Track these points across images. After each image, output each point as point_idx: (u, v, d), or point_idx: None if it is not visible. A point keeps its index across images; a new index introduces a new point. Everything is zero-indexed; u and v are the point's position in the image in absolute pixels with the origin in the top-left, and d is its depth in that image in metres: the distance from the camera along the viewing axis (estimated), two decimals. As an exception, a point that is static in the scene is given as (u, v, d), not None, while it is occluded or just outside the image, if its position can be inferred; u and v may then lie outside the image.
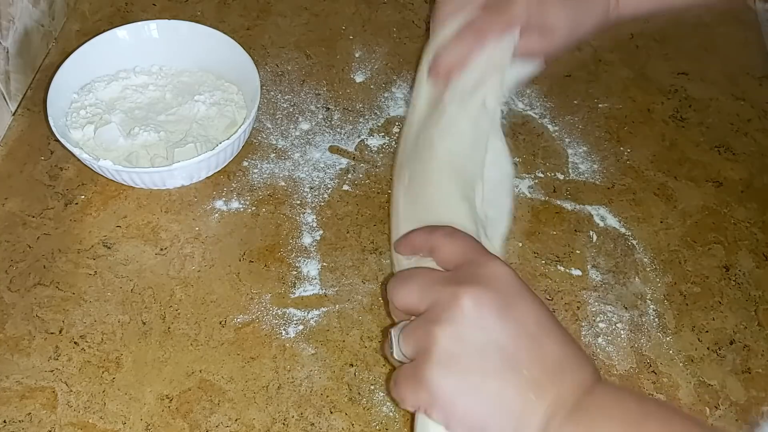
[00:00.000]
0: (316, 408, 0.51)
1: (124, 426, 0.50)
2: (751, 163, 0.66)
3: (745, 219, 0.63)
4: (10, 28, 0.64)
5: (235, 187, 0.62)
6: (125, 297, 0.56)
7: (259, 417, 0.51)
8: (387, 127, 0.67)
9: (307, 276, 0.58)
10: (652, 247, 0.61)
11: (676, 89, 0.72)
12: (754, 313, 0.57)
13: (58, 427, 0.50)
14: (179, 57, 0.66)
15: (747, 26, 0.78)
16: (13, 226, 0.59)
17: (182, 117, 0.63)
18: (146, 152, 0.60)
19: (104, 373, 0.52)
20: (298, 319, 0.56)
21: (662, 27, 0.77)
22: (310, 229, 0.60)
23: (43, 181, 0.62)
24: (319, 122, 0.67)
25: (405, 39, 0.74)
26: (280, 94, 0.69)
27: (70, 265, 0.57)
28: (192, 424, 0.50)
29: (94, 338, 0.54)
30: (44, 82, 0.64)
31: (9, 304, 0.55)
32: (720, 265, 0.60)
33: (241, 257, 0.59)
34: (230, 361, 0.53)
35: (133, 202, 0.61)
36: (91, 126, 0.61)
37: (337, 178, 0.64)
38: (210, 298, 0.56)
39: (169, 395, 0.52)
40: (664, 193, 0.64)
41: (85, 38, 0.65)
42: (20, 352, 0.53)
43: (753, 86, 0.72)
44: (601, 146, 0.67)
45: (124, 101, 0.64)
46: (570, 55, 0.74)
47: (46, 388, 0.52)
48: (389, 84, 0.70)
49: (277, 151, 0.65)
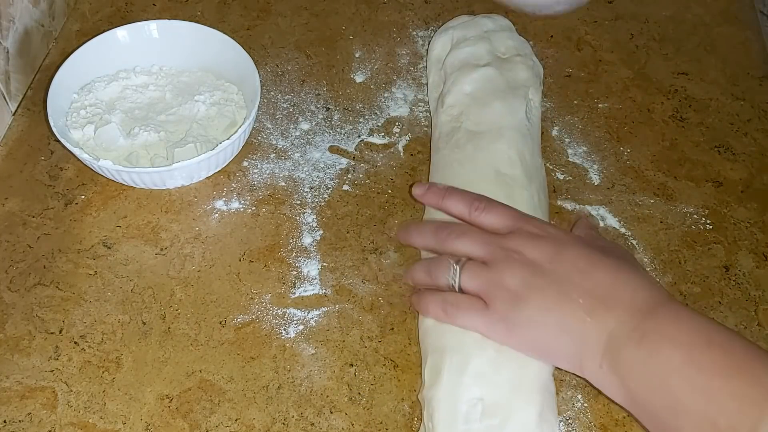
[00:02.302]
0: (316, 408, 0.51)
1: (124, 426, 0.50)
2: (751, 163, 0.66)
3: (745, 219, 0.63)
4: (10, 28, 0.64)
5: (235, 187, 0.62)
6: (125, 297, 0.56)
7: (259, 417, 0.51)
8: (387, 127, 0.67)
9: (307, 276, 0.58)
10: (652, 247, 0.61)
11: (676, 89, 0.72)
12: (754, 313, 0.57)
13: (58, 427, 0.50)
14: (179, 57, 0.66)
15: (747, 26, 0.78)
16: (13, 226, 0.59)
17: (182, 117, 0.63)
18: (146, 152, 0.60)
19: (104, 373, 0.52)
20: (298, 319, 0.56)
21: (662, 27, 0.77)
22: (310, 229, 0.60)
23: (43, 181, 0.62)
24: (319, 122, 0.67)
25: (405, 39, 0.74)
26: (280, 94, 0.69)
27: (70, 265, 0.57)
28: (192, 424, 0.50)
29: (94, 338, 0.54)
30: (44, 82, 0.64)
31: (9, 304, 0.55)
32: (720, 265, 0.60)
33: (241, 257, 0.59)
34: (230, 361, 0.53)
35: (133, 202, 0.61)
36: (91, 126, 0.61)
37: (337, 178, 0.64)
38: (210, 298, 0.56)
39: (169, 395, 0.52)
40: (664, 193, 0.64)
41: (85, 38, 0.65)
42: (20, 352, 0.53)
43: (753, 86, 0.72)
44: (601, 146, 0.67)
45: (124, 101, 0.64)
46: (570, 55, 0.74)
47: (46, 388, 0.52)
48: (389, 84, 0.70)
49: (277, 151, 0.65)
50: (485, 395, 0.48)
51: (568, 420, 0.51)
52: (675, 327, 0.43)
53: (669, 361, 0.42)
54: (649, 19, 0.77)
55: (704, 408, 0.40)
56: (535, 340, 0.47)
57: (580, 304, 0.45)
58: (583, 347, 0.45)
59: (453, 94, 0.63)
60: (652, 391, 0.42)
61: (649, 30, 0.76)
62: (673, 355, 0.42)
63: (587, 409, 0.52)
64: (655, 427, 0.43)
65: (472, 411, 0.47)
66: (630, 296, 0.45)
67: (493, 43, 0.66)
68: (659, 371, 0.42)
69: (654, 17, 0.78)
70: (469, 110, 0.61)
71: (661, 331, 0.43)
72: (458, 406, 0.47)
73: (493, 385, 0.48)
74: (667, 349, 0.42)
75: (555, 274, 0.47)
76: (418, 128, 0.67)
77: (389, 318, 0.56)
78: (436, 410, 0.48)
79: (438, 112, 0.64)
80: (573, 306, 0.46)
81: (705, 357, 0.41)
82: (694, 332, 0.42)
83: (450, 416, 0.47)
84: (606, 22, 0.77)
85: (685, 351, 0.42)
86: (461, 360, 0.49)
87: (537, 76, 0.66)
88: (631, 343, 0.43)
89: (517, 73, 0.64)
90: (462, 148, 0.59)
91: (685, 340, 0.42)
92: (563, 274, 0.47)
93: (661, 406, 0.42)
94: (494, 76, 0.63)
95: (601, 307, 0.45)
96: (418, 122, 0.68)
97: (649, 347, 0.43)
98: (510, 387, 0.48)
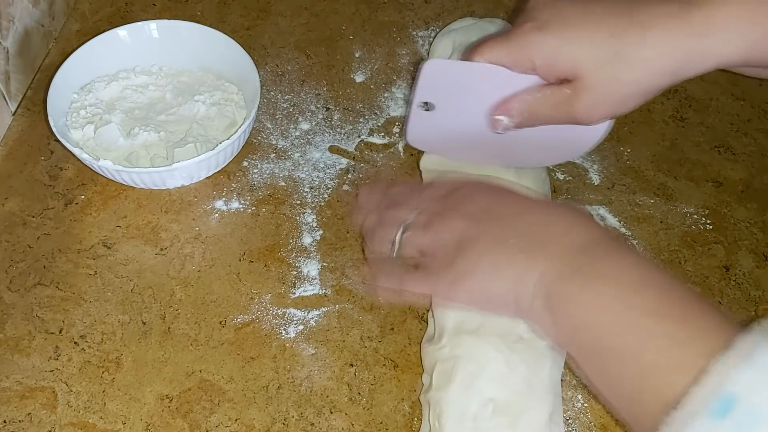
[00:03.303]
0: (316, 408, 0.51)
1: (124, 426, 0.50)
2: (751, 163, 0.66)
3: (745, 219, 0.63)
4: (10, 28, 0.64)
5: (235, 187, 0.62)
6: (125, 297, 0.56)
7: (259, 417, 0.51)
8: (387, 127, 0.67)
9: (307, 276, 0.58)
10: (652, 247, 0.61)
11: (676, 89, 0.72)
12: (754, 313, 0.57)
13: (58, 427, 0.50)
14: (179, 57, 0.66)
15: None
16: (13, 226, 0.59)
17: (182, 117, 0.63)
18: (146, 152, 0.60)
19: (104, 373, 0.52)
20: (298, 319, 0.56)
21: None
22: (310, 229, 0.60)
23: (43, 181, 0.62)
24: (319, 122, 0.67)
25: (405, 39, 0.74)
26: (280, 94, 0.69)
27: (70, 265, 0.57)
28: (192, 424, 0.50)
29: (94, 338, 0.54)
30: (44, 82, 0.64)
31: (9, 304, 0.55)
32: (720, 265, 0.60)
33: (241, 257, 0.59)
34: (230, 361, 0.53)
35: (133, 202, 0.61)
36: (91, 126, 0.61)
37: (337, 178, 0.64)
38: (210, 298, 0.56)
39: (169, 395, 0.52)
40: (664, 193, 0.64)
41: (85, 38, 0.65)
42: (20, 352, 0.53)
43: (753, 86, 0.72)
44: (600, 146, 0.66)
45: (124, 101, 0.64)
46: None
47: (46, 388, 0.52)
48: (389, 84, 0.70)
49: (277, 151, 0.65)
50: (498, 395, 0.47)
51: (568, 420, 0.51)
52: (609, 264, 0.41)
53: (599, 297, 0.40)
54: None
55: (631, 346, 0.38)
56: (474, 289, 0.45)
57: (511, 244, 0.44)
58: (516, 287, 0.43)
59: None
60: (580, 327, 0.41)
61: (649, 30, 0.76)
62: (605, 291, 0.40)
63: (587, 409, 0.52)
64: (584, 364, 0.42)
65: (483, 410, 0.47)
66: (563, 233, 0.44)
67: None
68: (589, 307, 0.40)
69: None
70: None
71: (595, 267, 0.42)
72: (469, 407, 0.47)
73: (506, 386, 0.48)
74: (598, 285, 0.41)
75: (490, 221, 0.46)
76: (418, 128, 0.67)
77: (389, 318, 0.56)
78: (445, 410, 0.48)
79: None
80: (506, 247, 0.44)
81: (638, 296, 0.39)
82: (629, 270, 0.41)
83: (459, 415, 0.47)
84: (606, 22, 0.77)
85: (616, 288, 0.40)
86: (476, 367, 0.48)
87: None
88: (562, 280, 0.42)
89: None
90: None
91: (619, 277, 0.41)
92: (499, 219, 0.46)
93: (589, 343, 0.41)
94: None
95: (533, 245, 0.44)
96: (418, 122, 0.68)
97: (580, 283, 0.41)
98: (523, 387, 0.48)
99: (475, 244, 0.45)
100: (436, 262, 0.47)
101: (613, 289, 0.40)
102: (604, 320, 0.40)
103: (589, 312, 0.40)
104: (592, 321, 0.40)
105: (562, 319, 0.42)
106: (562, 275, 0.42)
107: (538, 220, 0.46)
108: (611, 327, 0.40)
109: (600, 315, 0.40)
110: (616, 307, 0.40)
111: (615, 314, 0.39)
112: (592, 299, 0.40)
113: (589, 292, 0.41)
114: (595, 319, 0.40)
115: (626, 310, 0.39)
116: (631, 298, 0.40)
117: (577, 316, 0.41)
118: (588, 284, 0.41)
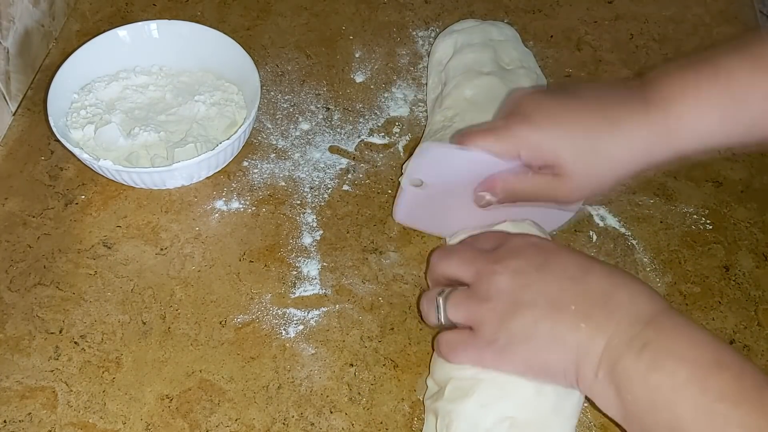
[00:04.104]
0: (316, 408, 0.51)
1: (124, 426, 0.50)
2: (751, 163, 0.66)
3: (745, 219, 0.63)
4: (11, 28, 0.64)
5: (235, 187, 0.62)
6: (125, 297, 0.56)
7: (259, 417, 0.51)
8: (387, 127, 0.67)
9: (307, 276, 0.58)
10: (652, 247, 0.61)
11: (676, 89, 0.72)
12: (754, 313, 0.57)
13: (58, 427, 0.50)
14: (179, 57, 0.66)
15: (747, 26, 0.78)
16: (13, 226, 0.59)
17: (182, 117, 0.63)
18: (146, 152, 0.60)
19: (104, 373, 0.52)
20: (298, 319, 0.56)
21: (662, 27, 0.77)
22: (310, 229, 0.60)
23: (43, 181, 0.62)
24: (319, 122, 0.67)
25: (405, 39, 0.74)
26: (280, 94, 0.69)
27: (70, 265, 0.57)
28: (192, 424, 0.50)
29: (94, 338, 0.54)
30: (44, 82, 0.64)
31: (9, 304, 0.55)
32: (720, 265, 0.60)
33: (241, 257, 0.59)
34: (230, 361, 0.53)
35: (133, 202, 0.61)
36: (91, 126, 0.61)
37: (337, 178, 0.64)
38: (210, 298, 0.56)
39: (169, 395, 0.52)
40: (664, 193, 0.64)
41: (85, 38, 0.65)
42: (20, 352, 0.53)
43: (753, 86, 0.72)
44: (601, 146, 0.67)
45: (124, 101, 0.64)
46: (570, 55, 0.74)
47: (46, 388, 0.52)
48: (389, 84, 0.70)
49: (277, 151, 0.65)
50: (518, 414, 0.46)
51: (568, 420, 0.51)
52: (679, 340, 0.41)
53: (672, 377, 0.39)
54: (649, 19, 0.77)
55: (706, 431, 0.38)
56: (528, 358, 0.44)
57: (572, 310, 0.43)
58: (578, 357, 0.42)
59: (452, 96, 0.63)
60: (649, 407, 0.40)
61: (649, 30, 0.76)
62: (677, 371, 0.39)
63: (587, 409, 0.52)
64: None
65: (498, 427, 0.46)
66: (627, 302, 0.43)
67: (497, 53, 0.65)
68: (660, 386, 0.39)
69: (654, 17, 0.78)
70: (464, 113, 0.61)
71: (664, 342, 0.40)
72: (483, 422, 0.46)
73: (533, 408, 0.46)
74: (670, 364, 0.40)
75: (543, 283, 0.44)
76: (418, 128, 0.67)
77: (389, 318, 0.56)
78: (455, 421, 0.46)
79: (434, 113, 0.64)
80: (565, 313, 0.43)
81: (712, 378, 0.39)
82: (700, 348, 0.40)
83: (471, 428, 0.46)
84: (606, 22, 0.77)
85: (690, 368, 0.39)
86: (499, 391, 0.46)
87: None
88: (630, 353, 0.40)
89: (520, 85, 0.63)
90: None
91: (691, 356, 0.40)
92: (552, 282, 0.44)
93: (658, 424, 0.40)
94: (497, 85, 0.62)
95: (596, 312, 0.42)
96: (418, 122, 0.68)
97: (650, 359, 0.40)
98: (549, 410, 0.46)
99: (529, 309, 0.44)
100: (481, 328, 0.45)
101: (685, 369, 0.39)
102: (677, 403, 0.39)
103: (661, 393, 0.40)
104: (663, 402, 0.39)
105: (628, 395, 0.41)
106: (630, 348, 0.41)
107: (598, 284, 0.44)
108: (685, 411, 0.39)
109: (673, 396, 0.39)
110: (690, 390, 0.39)
111: (690, 397, 0.39)
112: (665, 380, 0.40)
113: (660, 371, 0.40)
114: (667, 400, 0.39)
115: (701, 393, 0.39)
116: (706, 380, 0.39)
117: (647, 395, 0.40)
118: (659, 361, 0.40)
